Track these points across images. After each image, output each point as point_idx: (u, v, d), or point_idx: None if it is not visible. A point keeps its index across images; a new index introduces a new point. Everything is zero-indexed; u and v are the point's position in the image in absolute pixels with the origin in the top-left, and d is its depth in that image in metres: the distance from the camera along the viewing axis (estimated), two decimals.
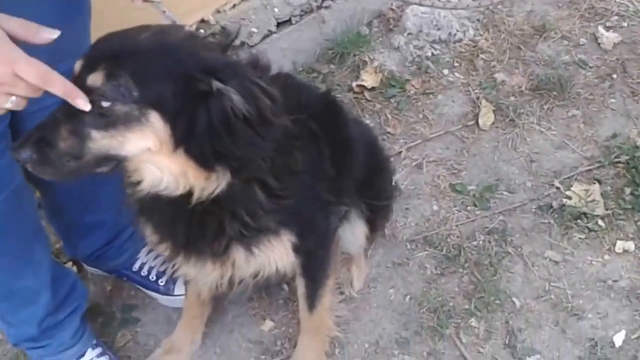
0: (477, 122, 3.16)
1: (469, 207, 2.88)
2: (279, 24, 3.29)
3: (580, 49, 3.47)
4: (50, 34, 1.36)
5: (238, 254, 1.85)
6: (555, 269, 2.67)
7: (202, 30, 3.06)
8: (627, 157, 2.96)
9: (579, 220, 2.78)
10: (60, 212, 2.36)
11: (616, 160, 2.97)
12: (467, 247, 2.73)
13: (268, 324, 2.56)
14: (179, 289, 2.56)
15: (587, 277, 2.64)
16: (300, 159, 1.82)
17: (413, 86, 3.30)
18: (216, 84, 1.45)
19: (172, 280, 2.57)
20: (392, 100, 3.25)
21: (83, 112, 1.43)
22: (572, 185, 2.89)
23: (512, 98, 3.24)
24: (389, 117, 3.19)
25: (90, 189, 2.30)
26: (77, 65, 1.49)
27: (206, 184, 1.59)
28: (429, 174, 3.00)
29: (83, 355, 2.34)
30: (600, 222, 2.78)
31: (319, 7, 3.35)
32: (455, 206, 2.89)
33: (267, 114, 1.50)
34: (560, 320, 2.52)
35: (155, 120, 1.46)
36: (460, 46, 3.47)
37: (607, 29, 3.54)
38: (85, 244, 2.49)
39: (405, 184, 2.95)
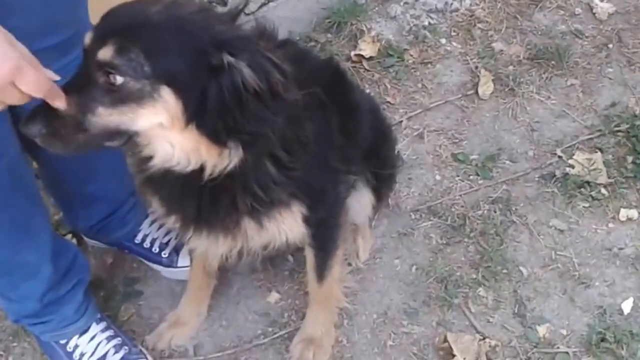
0: (476, 92, 3.12)
1: (471, 177, 2.85)
2: None
3: (576, 18, 3.45)
4: (53, 76, 1.38)
5: (249, 226, 1.81)
6: (560, 238, 2.65)
7: None
8: (627, 126, 2.95)
9: (582, 189, 2.77)
10: (60, 183, 2.28)
11: (616, 129, 2.96)
12: (472, 217, 2.70)
13: (274, 296, 2.51)
14: (182, 260, 2.49)
15: (592, 245, 2.63)
16: (309, 130, 1.77)
17: (411, 55, 3.25)
18: (228, 58, 1.41)
19: (176, 252, 2.50)
20: (391, 70, 3.20)
21: (92, 86, 1.40)
22: (574, 154, 2.87)
23: (511, 67, 3.21)
24: (388, 86, 3.14)
25: (90, 160, 2.21)
26: (87, 38, 1.44)
27: (218, 160, 1.54)
28: (430, 143, 2.96)
29: (87, 330, 2.27)
30: (603, 191, 2.77)
31: None
32: (457, 175, 2.86)
33: (278, 88, 1.46)
34: (568, 289, 2.51)
35: (167, 96, 1.41)
36: (456, 15, 3.43)
37: None
38: (86, 216, 2.41)
39: (407, 153, 2.91)
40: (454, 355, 2.32)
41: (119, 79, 1.37)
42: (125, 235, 2.50)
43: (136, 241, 2.51)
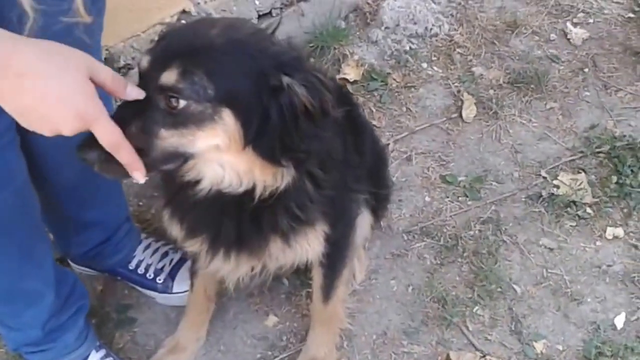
0: (460, 115, 3.24)
1: (460, 198, 2.95)
2: (259, 16, 3.28)
3: (551, 44, 3.61)
4: (137, 94, 1.42)
5: (276, 246, 1.86)
6: (550, 256, 2.76)
7: (183, 21, 3.02)
8: (608, 147, 3.09)
9: (568, 209, 2.89)
10: (56, 208, 2.29)
11: (597, 150, 3.10)
12: (464, 237, 2.79)
13: (272, 319, 2.55)
14: (177, 286, 2.52)
15: (582, 262, 2.75)
16: (339, 148, 1.85)
17: (394, 80, 3.36)
18: (286, 79, 1.47)
19: (171, 278, 2.52)
20: (375, 94, 3.29)
21: (153, 109, 1.44)
22: (558, 175, 3.00)
23: (492, 91, 3.34)
24: (373, 110, 3.23)
25: (87, 186, 2.25)
26: (145, 62, 1.47)
27: (273, 180, 1.60)
28: (418, 165, 3.06)
29: (87, 357, 2.28)
30: (589, 210, 2.89)
31: (299, 0, 3.36)
32: (447, 197, 2.95)
33: (328, 106, 1.53)
34: (562, 306, 2.61)
35: (227, 118, 1.46)
36: (436, 40, 3.55)
37: (575, 25, 3.69)
38: (80, 242, 2.42)
39: (396, 175, 2.99)
40: None
41: (182, 103, 1.42)
42: (120, 262, 2.51)
43: (130, 267, 2.52)
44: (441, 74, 3.42)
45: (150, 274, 2.51)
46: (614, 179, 2.98)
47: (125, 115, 1.43)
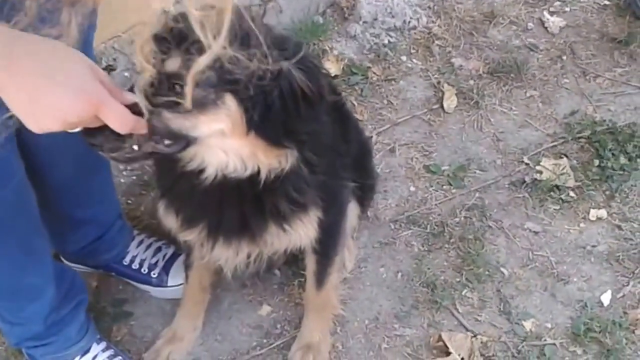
0: (441, 106, 3.51)
1: (444, 187, 3.21)
2: None
3: (529, 33, 3.90)
4: (132, 97, 1.54)
5: (272, 231, 2.08)
6: (536, 239, 3.03)
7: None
8: (589, 132, 3.38)
9: (552, 193, 3.16)
10: (52, 206, 2.48)
11: (578, 135, 3.39)
12: (450, 224, 3.05)
13: (265, 309, 2.79)
14: (172, 279, 2.74)
15: (567, 244, 3.02)
16: (330, 134, 2.08)
17: (374, 73, 3.62)
18: (285, 64, 1.63)
19: (165, 272, 2.75)
20: (356, 88, 3.55)
21: (158, 93, 1.58)
22: (540, 161, 3.27)
23: (472, 82, 3.62)
24: (355, 103, 3.49)
25: (82, 183, 2.47)
26: (148, 49, 1.61)
27: (277, 163, 1.80)
28: (402, 156, 3.32)
29: (88, 350, 2.49)
30: (571, 193, 3.17)
31: None
32: (431, 186, 3.21)
33: (324, 91, 1.72)
34: (549, 286, 2.88)
35: (230, 103, 1.62)
36: (415, 33, 3.82)
37: (552, 13, 3.99)
38: (75, 239, 2.63)
39: (380, 167, 3.25)
40: (448, 353, 2.64)
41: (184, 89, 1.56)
42: (114, 258, 2.73)
43: (124, 263, 2.74)
44: (421, 66, 3.69)
45: (144, 269, 2.73)
46: (596, 162, 3.26)
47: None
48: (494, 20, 3.93)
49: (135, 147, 1.66)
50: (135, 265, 2.74)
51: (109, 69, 3.22)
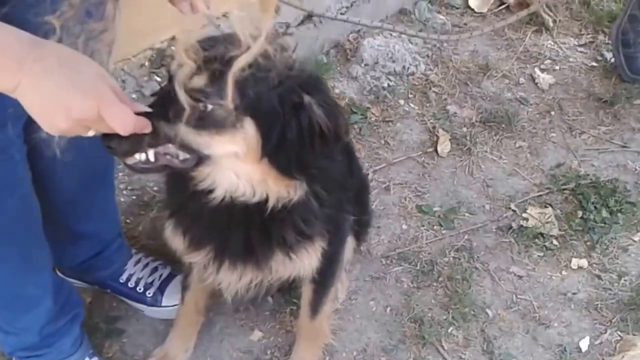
0: (435, 150, 3.51)
1: (435, 227, 3.20)
2: None
3: (520, 87, 3.93)
4: (142, 108, 1.53)
5: (278, 259, 2.04)
6: (520, 283, 3.02)
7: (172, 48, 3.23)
8: (573, 185, 3.39)
9: (536, 240, 3.15)
10: (54, 219, 2.42)
11: (563, 187, 3.39)
12: (439, 263, 3.02)
13: (257, 334, 2.73)
14: (166, 300, 2.68)
15: (549, 290, 3.00)
16: (340, 170, 2.06)
17: (373, 114, 3.62)
18: (307, 98, 1.62)
19: (160, 292, 2.69)
20: (355, 126, 3.54)
21: (179, 108, 1.55)
22: (526, 209, 3.27)
23: (465, 129, 3.62)
24: (353, 141, 3.48)
25: (85, 198, 2.42)
26: (175, 66, 1.59)
27: (285, 192, 1.77)
28: (395, 195, 3.30)
29: None
30: (555, 242, 3.16)
31: (284, 34, 3.62)
32: (422, 225, 3.20)
33: (342, 131, 1.70)
34: (530, 329, 2.86)
35: (249, 127, 1.61)
36: (413, 79, 3.83)
37: (542, 70, 4.02)
38: (74, 253, 2.57)
39: (375, 204, 3.22)
40: None
41: (209, 107, 1.56)
42: (110, 275, 2.67)
43: (121, 280, 2.68)
44: (417, 111, 3.70)
45: (140, 288, 2.68)
46: (579, 214, 3.26)
47: (153, 112, 1.58)
48: (487, 72, 3.95)
49: (152, 159, 1.64)
50: (131, 284, 2.68)
51: None
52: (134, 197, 3.11)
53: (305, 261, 2.10)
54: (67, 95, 1.34)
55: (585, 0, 4.45)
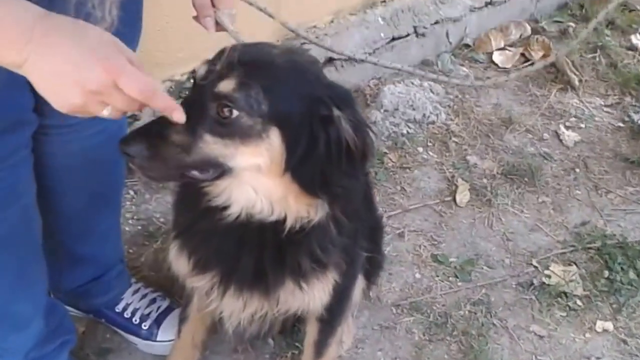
0: (454, 199, 3.35)
1: (450, 278, 3.01)
2: None
3: (544, 143, 3.79)
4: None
5: (288, 288, 1.87)
6: (540, 343, 2.81)
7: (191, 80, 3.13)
8: (599, 244, 3.21)
9: (559, 299, 2.96)
10: (54, 237, 2.29)
11: (588, 246, 3.21)
12: (454, 316, 2.83)
13: None
14: (162, 334, 2.50)
15: (571, 353, 2.79)
16: (360, 199, 1.92)
17: (390, 159, 3.48)
18: (337, 112, 1.53)
19: (156, 325, 2.51)
20: (371, 170, 3.39)
21: (204, 116, 1.48)
22: (549, 265, 3.09)
23: (485, 180, 3.47)
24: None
25: (90, 216, 2.29)
26: (202, 70, 1.53)
27: (305, 212, 1.64)
28: (410, 242, 3.13)
29: None
30: (579, 302, 2.97)
31: None
32: (437, 275, 3.01)
33: (369, 150, 1.59)
34: None
35: (274, 138, 1.51)
36: (433, 127, 3.71)
37: (567, 128, 3.89)
38: (72, 276, 2.42)
39: (388, 249, 3.05)
40: None
41: (234, 113, 1.47)
42: (107, 303, 2.50)
43: (117, 310, 2.51)
44: (436, 159, 3.56)
45: (136, 319, 2.50)
46: (605, 274, 3.08)
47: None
48: (510, 126, 3.83)
49: (182, 158, 1.51)
50: (127, 314, 2.50)
51: (134, 118, 3.08)
52: (140, 227, 2.97)
53: (316, 293, 1.94)
54: (81, 67, 1.25)
55: (612, 62, 4.35)
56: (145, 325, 2.50)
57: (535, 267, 3.10)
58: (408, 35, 3.96)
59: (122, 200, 2.59)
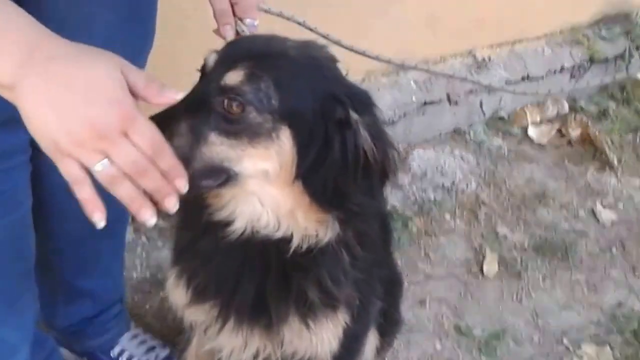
0: (481, 269, 3.17)
1: (474, 352, 2.81)
2: None
3: (579, 220, 3.61)
4: (174, 95, 1.23)
5: (293, 326, 1.69)
6: None
7: None
8: (635, 327, 2.98)
9: None
10: (52, 267, 2.16)
11: (624, 328, 2.99)
12: None
13: None
14: None
15: None
16: (376, 230, 1.75)
17: (415, 225, 3.32)
18: (355, 116, 1.38)
19: None
20: (394, 234, 3.23)
21: (209, 112, 1.34)
22: (581, 346, 2.87)
23: (515, 253, 3.29)
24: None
25: (91, 244, 2.16)
26: (211, 60, 1.42)
27: (314, 230, 1.48)
28: (431, 311, 2.95)
29: None
30: None
31: None
32: (459, 347, 2.81)
33: (389, 165, 1.43)
34: None
35: (285, 139, 1.36)
36: (462, 195, 3.56)
37: (604, 206, 3.70)
38: (68, 313, 2.28)
39: (407, 316, 2.86)
40: None
41: (241, 108, 1.33)
42: (102, 345, 2.35)
43: (112, 355, 2.36)
44: (464, 228, 3.39)
45: None
46: None
47: (177, 113, 1.33)
48: (543, 200, 3.67)
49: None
50: None
51: None
52: (148, 275, 2.85)
53: (324, 335, 1.75)
54: (93, 104, 1.11)
55: None
56: None
57: (566, 346, 2.88)
58: (440, 101, 3.85)
59: (126, 238, 2.46)
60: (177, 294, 1.79)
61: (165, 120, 1.30)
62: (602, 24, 4.70)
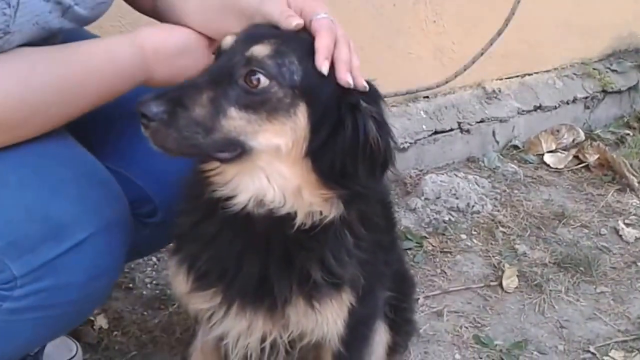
0: (500, 284, 3.08)
1: None
2: None
3: (602, 237, 3.52)
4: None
5: (298, 307, 1.67)
6: None
7: None
8: None
9: None
10: None
11: None
12: None
13: None
14: None
15: None
16: (379, 213, 1.76)
17: (430, 243, 3.26)
18: (364, 104, 1.45)
19: None
20: (409, 253, 3.17)
21: (231, 85, 1.39)
22: (609, 352, 2.73)
23: (536, 268, 3.19)
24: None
25: None
26: (230, 39, 1.47)
27: (319, 207, 1.50)
28: (449, 322, 2.85)
29: None
30: None
31: None
32: (480, 358, 2.69)
33: (390, 154, 1.48)
34: None
35: (301, 116, 1.42)
36: (478, 217, 3.49)
37: (627, 225, 3.61)
38: None
39: (424, 328, 2.77)
40: None
41: (264, 81, 1.38)
42: None
43: None
44: (481, 247, 3.32)
45: None
46: None
47: (200, 84, 1.39)
48: (563, 220, 3.58)
49: (201, 139, 1.39)
50: None
51: None
52: (157, 292, 2.81)
53: (329, 316, 1.71)
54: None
55: None
56: None
57: (592, 353, 2.75)
58: (452, 130, 3.84)
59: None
60: (179, 280, 1.76)
61: (188, 90, 1.38)
62: (613, 58, 4.72)
